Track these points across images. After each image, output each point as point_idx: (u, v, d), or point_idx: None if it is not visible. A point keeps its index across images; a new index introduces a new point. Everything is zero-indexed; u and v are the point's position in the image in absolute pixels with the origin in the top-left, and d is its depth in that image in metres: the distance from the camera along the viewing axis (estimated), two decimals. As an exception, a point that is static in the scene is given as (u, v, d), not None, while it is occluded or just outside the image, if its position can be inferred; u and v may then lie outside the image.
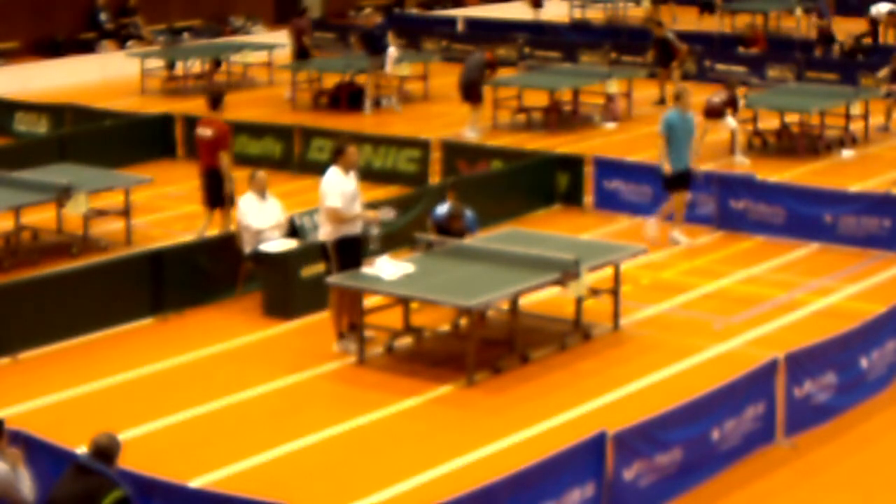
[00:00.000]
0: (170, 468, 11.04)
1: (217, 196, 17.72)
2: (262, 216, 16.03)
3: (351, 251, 14.49)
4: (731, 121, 22.55)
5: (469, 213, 15.99)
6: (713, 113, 22.63)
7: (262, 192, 16.16)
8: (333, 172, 14.52)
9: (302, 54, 29.75)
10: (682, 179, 18.04)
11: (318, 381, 13.98)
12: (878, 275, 17.01)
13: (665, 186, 18.18)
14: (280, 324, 15.48)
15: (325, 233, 14.60)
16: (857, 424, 12.77)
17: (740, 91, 23.80)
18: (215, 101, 18.43)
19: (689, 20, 38.09)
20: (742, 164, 22.04)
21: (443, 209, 15.96)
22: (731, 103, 22.76)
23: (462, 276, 14.37)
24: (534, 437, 12.45)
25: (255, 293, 16.02)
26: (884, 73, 25.39)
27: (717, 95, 22.81)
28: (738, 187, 18.90)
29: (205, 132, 17.99)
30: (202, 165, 18.08)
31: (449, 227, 15.75)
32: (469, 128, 24.52)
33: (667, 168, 17.94)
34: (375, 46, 27.23)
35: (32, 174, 18.75)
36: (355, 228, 14.56)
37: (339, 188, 14.37)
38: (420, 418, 13.05)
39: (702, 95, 26.96)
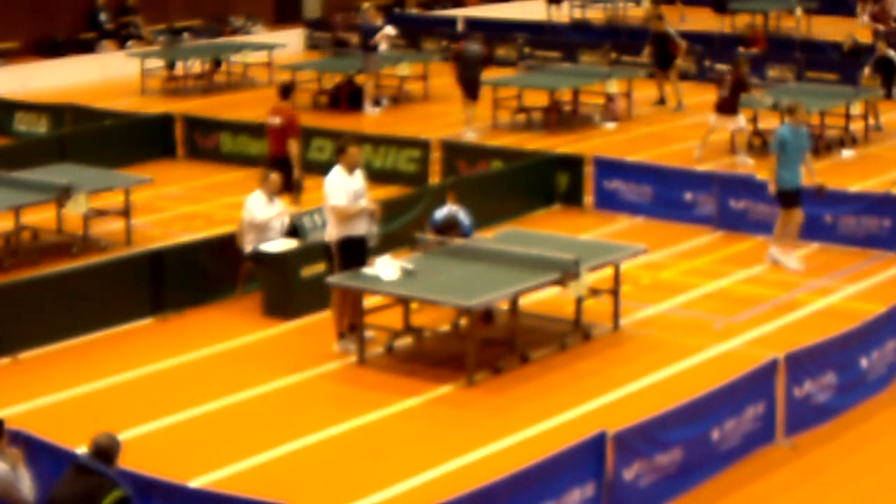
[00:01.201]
0: (170, 468, 11.04)
1: (286, 182, 17.68)
2: (267, 212, 16.04)
3: (354, 252, 14.49)
4: (741, 120, 22.54)
5: (466, 220, 15.94)
6: (725, 108, 22.52)
7: (271, 195, 16.15)
8: (336, 171, 14.53)
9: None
10: (796, 197, 17.13)
11: (318, 381, 13.98)
12: (878, 275, 17.01)
13: (780, 204, 17.24)
14: (280, 324, 15.48)
15: (328, 232, 14.61)
16: (857, 424, 12.77)
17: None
18: (286, 90, 19.18)
19: (696, 20, 38.11)
20: (745, 165, 22.01)
21: (441, 214, 15.99)
22: (741, 85, 22.65)
23: (462, 276, 14.37)
24: (534, 437, 12.46)
25: (255, 293, 16.01)
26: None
27: (725, 87, 22.65)
28: (738, 187, 18.90)
29: (273, 120, 18.70)
30: (270, 153, 18.77)
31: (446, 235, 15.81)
32: (468, 128, 24.49)
33: (771, 188, 17.07)
34: (369, 45, 27.19)
35: (32, 174, 18.74)
36: (359, 229, 14.56)
37: (341, 187, 14.38)
38: (420, 418, 13.05)
39: (702, 96, 27.06)
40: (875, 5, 33.90)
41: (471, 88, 24.58)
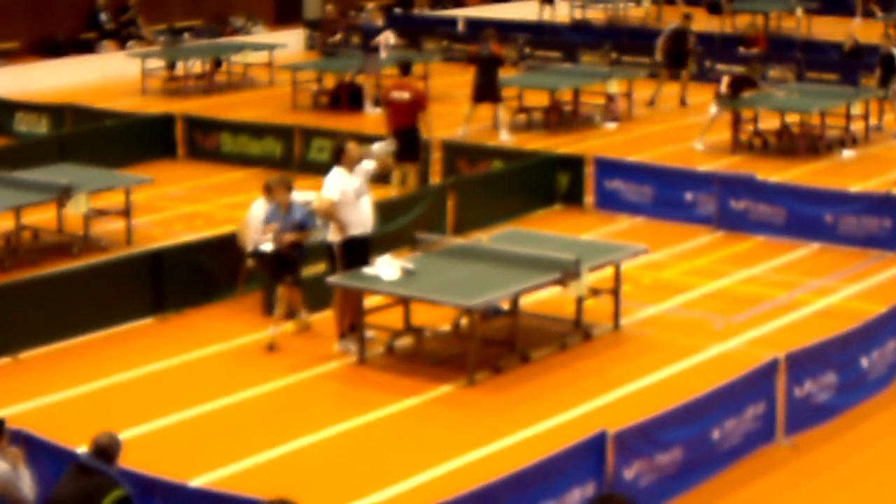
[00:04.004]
0: (170, 468, 11.04)
1: (413, 152, 19.70)
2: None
3: (357, 253, 14.48)
4: (712, 108, 22.97)
5: (299, 209, 14.94)
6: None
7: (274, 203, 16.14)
8: (335, 172, 14.53)
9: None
10: None
11: (318, 381, 13.99)
12: (878, 275, 17.01)
13: None
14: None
15: (331, 233, 14.60)
16: (857, 424, 12.78)
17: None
18: (406, 67, 20.79)
19: (697, 20, 38.13)
20: (697, 150, 22.78)
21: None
22: (746, 82, 23.11)
23: (462, 275, 14.37)
24: (534, 437, 12.46)
25: (255, 293, 16.01)
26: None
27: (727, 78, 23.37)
28: (738, 187, 18.90)
29: (402, 95, 19.95)
30: (394, 125, 19.85)
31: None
32: (504, 129, 24.32)
33: None
34: (370, 46, 27.15)
35: (33, 174, 18.74)
36: (362, 229, 14.56)
37: (338, 185, 14.39)
38: (420, 418, 13.05)
39: (702, 95, 27.07)
40: None
41: (489, 92, 24.40)
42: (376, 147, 15.54)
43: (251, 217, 16.08)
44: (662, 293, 16.41)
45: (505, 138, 24.04)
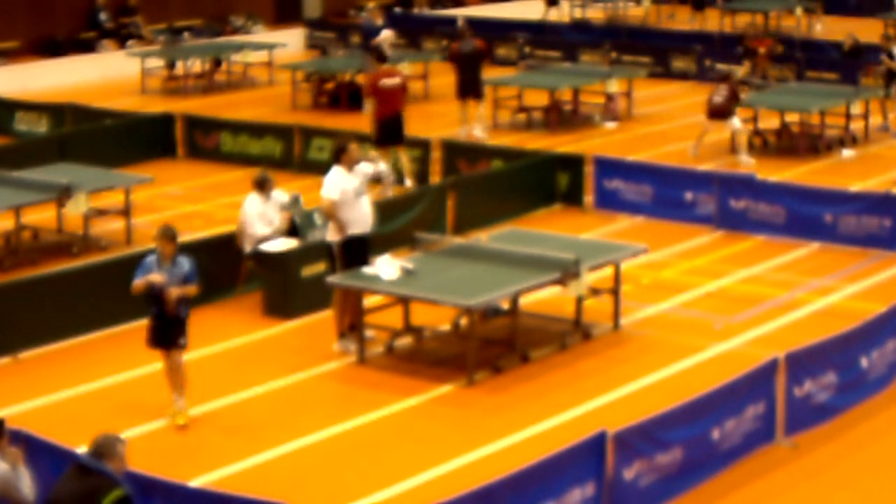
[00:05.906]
0: (170, 468, 11.04)
1: (401, 136, 20.69)
2: (264, 219, 16.02)
3: (357, 252, 14.48)
4: (735, 121, 22.57)
5: (187, 261, 13.04)
6: (717, 113, 22.61)
7: (267, 195, 16.13)
8: (335, 171, 14.53)
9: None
10: None
11: (318, 381, 13.98)
12: (878, 274, 17.01)
13: None
14: (280, 323, 15.47)
15: (330, 233, 14.60)
16: (857, 424, 12.77)
17: (743, 88, 23.74)
18: (381, 56, 21.60)
19: (700, 19, 38.22)
20: (748, 165, 22.01)
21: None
22: (734, 98, 22.74)
23: (462, 275, 14.37)
24: (534, 437, 12.46)
25: (256, 293, 16.01)
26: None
27: (718, 94, 22.72)
28: (738, 187, 18.90)
29: (394, 81, 20.79)
30: (387, 111, 20.52)
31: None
32: (479, 127, 24.34)
33: None
34: (370, 45, 27.16)
35: (33, 174, 18.74)
36: (362, 228, 14.56)
37: (338, 185, 14.39)
38: (420, 418, 13.05)
39: (702, 95, 27.06)
40: None
41: (474, 88, 24.40)
42: (381, 168, 15.52)
43: (246, 215, 16.08)
44: (662, 293, 16.41)
45: (479, 135, 23.97)
